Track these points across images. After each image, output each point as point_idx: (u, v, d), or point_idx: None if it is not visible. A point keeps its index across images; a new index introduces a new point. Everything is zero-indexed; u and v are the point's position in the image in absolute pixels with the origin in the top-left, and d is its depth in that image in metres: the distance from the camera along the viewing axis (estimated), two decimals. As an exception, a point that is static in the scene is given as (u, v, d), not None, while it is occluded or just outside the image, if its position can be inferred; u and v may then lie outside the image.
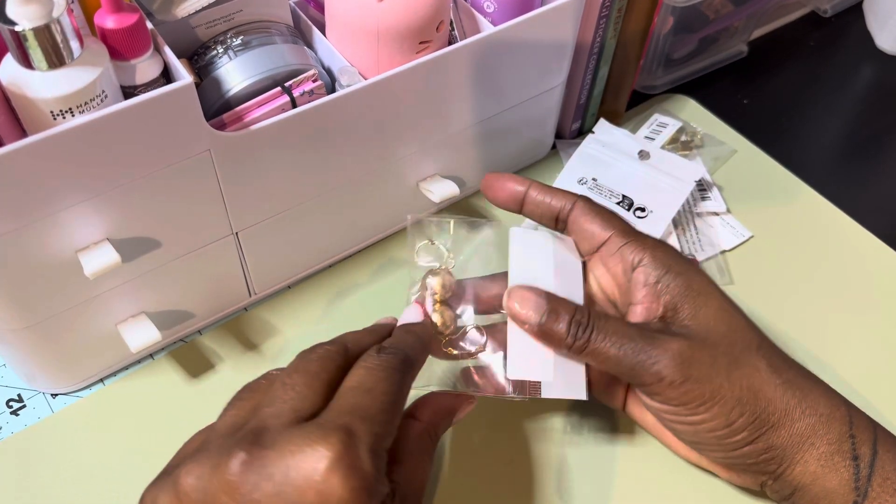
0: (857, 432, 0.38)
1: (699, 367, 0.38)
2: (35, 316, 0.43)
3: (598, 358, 0.39)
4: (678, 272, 0.40)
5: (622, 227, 0.43)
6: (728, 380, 0.38)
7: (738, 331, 0.40)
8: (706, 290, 0.40)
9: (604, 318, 0.39)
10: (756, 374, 0.38)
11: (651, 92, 0.69)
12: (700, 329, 0.39)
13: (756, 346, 0.39)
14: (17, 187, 0.37)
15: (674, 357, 0.38)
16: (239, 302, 0.53)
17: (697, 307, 0.39)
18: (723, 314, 0.40)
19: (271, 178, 0.46)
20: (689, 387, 0.38)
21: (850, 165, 0.65)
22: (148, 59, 0.41)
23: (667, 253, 0.41)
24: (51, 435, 0.47)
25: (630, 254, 0.41)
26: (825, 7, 0.78)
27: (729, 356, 0.38)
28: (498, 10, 0.52)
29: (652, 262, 0.41)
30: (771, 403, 0.38)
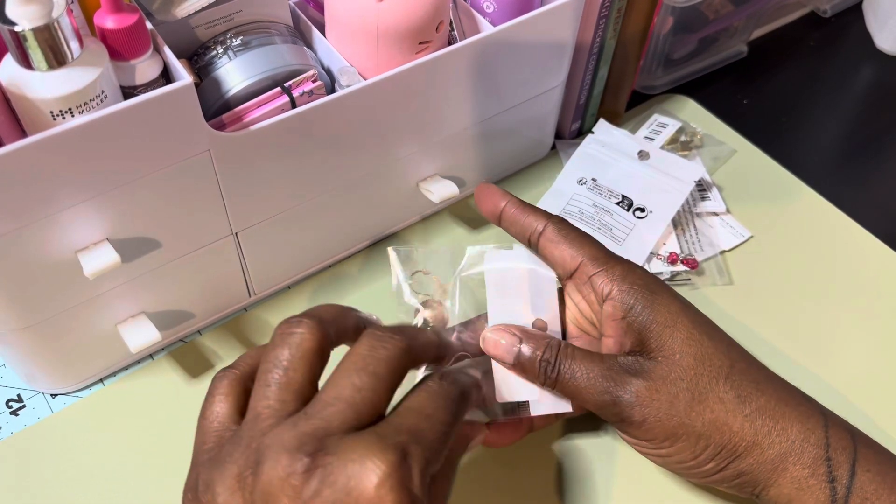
0: (833, 454, 0.38)
1: (659, 406, 0.38)
2: (35, 316, 0.43)
3: (567, 394, 0.40)
4: (645, 305, 0.40)
5: (592, 253, 0.42)
6: (689, 417, 0.38)
7: (705, 361, 0.39)
8: (673, 321, 0.40)
9: (570, 357, 0.40)
10: (720, 406, 0.38)
11: (651, 92, 0.69)
12: (666, 363, 0.39)
13: (724, 376, 0.39)
14: (17, 187, 0.37)
15: (634, 397, 0.39)
16: (239, 302, 0.53)
17: (663, 340, 0.39)
18: (689, 345, 0.39)
19: (271, 179, 0.46)
20: (650, 425, 0.39)
21: (849, 166, 0.65)
22: (147, 60, 0.41)
23: (634, 284, 0.41)
24: (50, 435, 0.47)
25: (599, 285, 0.41)
26: (825, 7, 0.78)
27: (692, 391, 0.38)
28: (497, 10, 0.52)
29: (619, 296, 0.40)
30: (736, 435, 0.38)
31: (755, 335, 0.53)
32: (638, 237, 0.55)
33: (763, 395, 0.39)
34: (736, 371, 0.39)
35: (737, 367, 0.39)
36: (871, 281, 0.56)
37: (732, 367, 0.39)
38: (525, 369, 0.41)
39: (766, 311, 0.54)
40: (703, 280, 0.55)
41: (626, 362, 0.40)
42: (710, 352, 0.39)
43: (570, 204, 0.58)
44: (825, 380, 0.51)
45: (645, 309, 0.40)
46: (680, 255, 0.56)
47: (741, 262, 0.57)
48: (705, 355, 0.39)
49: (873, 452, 0.39)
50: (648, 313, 0.40)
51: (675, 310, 0.40)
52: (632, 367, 0.39)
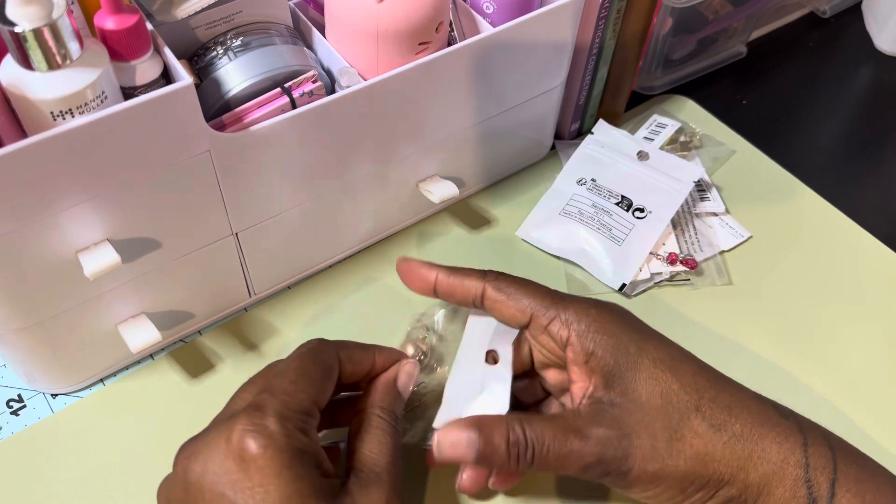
0: (813, 475, 0.37)
1: (642, 454, 0.38)
2: (35, 316, 0.44)
3: (547, 468, 0.38)
4: (605, 348, 0.39)
5: (539, 302, 0.41)
6: (671, 457, 0.38)
7: (672, 398, 0.38)
8: (634, 362, 0.39)
9: (537, 432, 0.38)
10: (697, 439, 0.38)
11: (650, 93, 0.69)
12: (634, 407, 0.38)
13: (694, 408, 0.38)
14: (18, 188, 0.37)
15: (613, 450, 0.37)
16: (239, 302, 0.53)
17: (627, 383, 0.39)
18: (654, 385, 0.38)
19: (271, 179, 0.46)
20: (636, 475, 0.38)
21: (848, 166, 0.66)
22: (148, 60, 0.41)
23: (590, 326, 0.40)
24: (51, 435, 0.47)
25: (556, 332, 0.40)
26: (824, 8, 0.78)
27: (668, 429, 0.38)
28: (497, 11, 0.52)
29: (578, 342, 0.40)
30: (720, 463, 0.38)
31: (754, 335, 0.53)
32: (637, 237, 0.55)
33: (738, 420, 0.38)
34: (705, 401, 0.39)
35: (706, 397, 0.39)
36: (869, 281, 0.56)
37: (701, 399, 0.39)
38: (491, 461, 0.38)
39: (766, 311, 0.54)
40: (703, 280, 0.55)
41: (596, 413, 0.38)
42: (675, 388, 0.39)
43: (570, 204, 0.58)
44: (825, 379, 0.51)
45: (605, 352, 0.39)
46: (679, 255, 0.56)
47: (740, 262, 0.57)
48: (671, 392, 0.38)
49: (854, 468, 0.38)
50: (609, 357, 0.39)
51: (633, 350, 0.39)
52: (603, 419, 0.38)
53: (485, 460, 0.38)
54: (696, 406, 0.38)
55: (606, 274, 0.55)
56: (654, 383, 0.39)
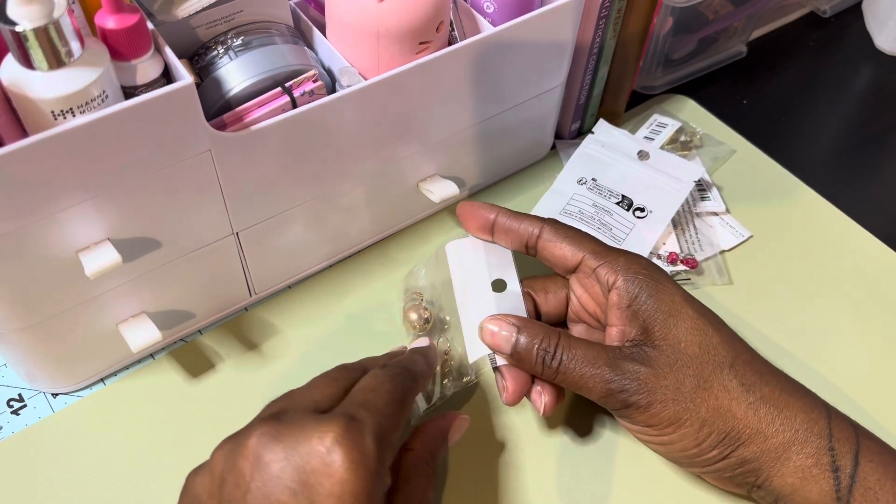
0: (837, 444, 0.38)
1: (664, 392, 0.39)
2: (36, 316, 0.43)
3: (567, 384, 0.41)
4: (650, 293, 0.41)
5: (592, 248, 0.43)
6: (693, 402, 0.39)
7: (710, 350, 0.39)
8: (678, 309, 0.40)
9: (571, 346, 0.40)
10: (724, 393, 0.39)
11: (650, 92, 0.69)
12: (670, 350, 0.39)
13: (729, 364, 0.39)
14: (18, 187, 0.37)
15: (638, 384, 0.39)
16: (239, 302, 0.53)
17: (668, 328, 0.40)
18: (694, 334, 0.40)
19: (272, 179, 0.46)
20: (655, 410, 0.39)
21: (849, 165, 0.66)
22: (148, 60, 0.41)
23: (639, 273, 0.41)
24: (51, 434, 0.47)
25: (603, 276, 0.42)
26: (824, 7, 0.78)
27: (697, 377, 0.39)
28: (498, 10, 0.52)
29: (624, 285, 0.41)
30: (740, 422, 0.38)
31: (755, 334, 0.53)
32: (638, 237, 0.55)
33: (767, 385, 0.39)
34: (740, 361, 0.40)
35: (741, 358, 0.40)
36: (870, 280, 0.56)
37: (737, 358, 0.40)
38: (522, 359, 0.41)
39: (766, 311, 0.54)
40: (703, 280, 0.55)
41: (630, 352, 0.40)
42: (715, 341, 0.40)
43: (570, 204, 0.58)
44: (825, 379, 0.51)
45: (650, 298, 0.40)
46: (680, 254, 0.56)
47: (741, 261, 0.57)
48: (710, 344, 0.40)
49: (875, 444, 0.39)
50: (653, 302, 0.40)
51: (678, 300, 0.41)
52: (636, 356, 0.40)
53: (517, 357, 0.41)
54: (731, 363, 0.39)
55: (607, 273, 0.55)
56: (695, 332, 0.40)
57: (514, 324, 0.41)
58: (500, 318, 0.42)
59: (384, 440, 0.34)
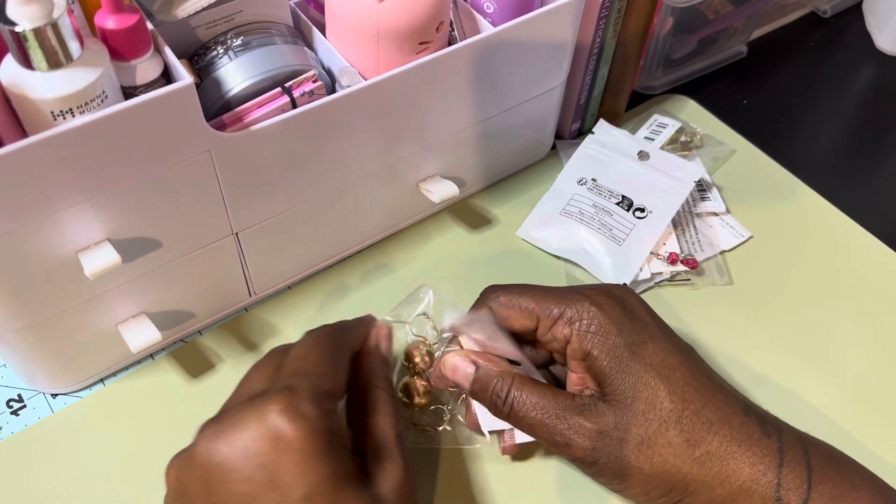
0: (785, 494, 0.38)
1: (608, 450, 0.39)
2: (35, 316, 0.43)
3: (520, 428, 0.42)
4: (600, 349, 0.41)
5: (543, 303, 0.43)
6: (637, 460, 0.39)
7: (656, 405, 0.39)
8: (625, 366, 0.40)
9: (523, 391, 0.41)
10: (668, 450, 0.39)
11: (651, 92, 0.69)
12: (618, 407, 0.40)
13: (675, 420, 0.39)
14: (18, 187, 0.37)
15: (584, 439, 0.39)
16: (239, 302, 0.53)
17: (616, 385, 0.40)
18: (640, 389, 0.40)
19: (272, 179, 0.46)
20: (601, 467, 0.40)
21: (849, 166, 0.66)
22: (148, 60, 0.41)
23: (590, 326, 0.41)
24: (51, 435, 0.47)
25: (559, 332, 0.42)
26: (824, 7, 0.78)
27: (641, 436, 0.39)
28: (498, 10, 0.52)
29: (577, 339, 0.41)
30: (686, 476, 0.39)
31: (755, 335, 0.53)
32: (638, 237, 0.55)
33: (715, 436, 0.39)
34: (688, 413, 0.39)
35: (689, 409, 0.39)
36: (870, 281, 0.56)
37: (684, 410, 0.39)
38: (479, 398, 0.42)
39: (766, 311, 0.54)
40: (703, 280, 0.55)
41: (582, 404, 0.40)
42: (662, 395, 0.39)
43: (570, 204, 0.58)
44: (824, 379, 0.51)
45: (600, 354, 0.41)
46: (680, 255, 0.56)
47: (741, 262, 0.57)
48: (656, 399, 0.39)
49: (830, 487, 0.38)
50: (604, 358, 0.41)
51: (627, 354, 0.40)
52: (586, 410, 0.40)
53: (475, 395, 0.43)
54: (678, 418, 0.39)
55: (607, 274, 0.55)
56: (641, 387, 0.40)
57: (474, 361, 0.42)
58: (461, 355, 0.43)
59: (323, 398, 0.35)
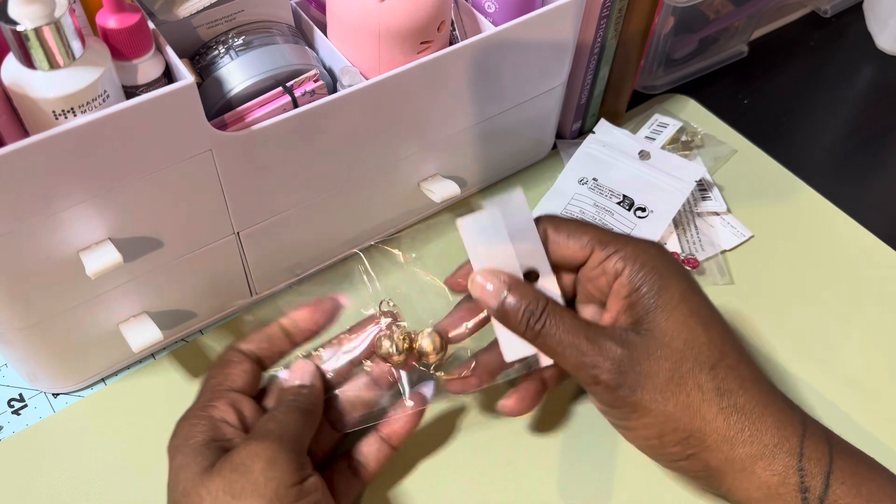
0: (807, 464, 0.37)
1: (634, 377, 0.38)
2: (37, 315, 0.43)
3: (546, 350, 0.40)
4: (651, 287, 0.40)
5: (598, 239, 0.42)
6: (663, 394, 0.38)
7: (694, 347, 0.39)
8: (674, 306, 0.40)
9: (558, 313, 0.40)
10: (697, 393, 0.38)
11: (651, 92, 0.69)
12: (652, 340, 0.39)
13: (710, 366, 0.38)
14: (19, 187, 0.37)
15: (611, 363, 0.39)
16: (240, 301, 0.53)
17: (657, 322, 0.39)
18: (681, 329, 0.39)
19: (273, 178, 0.46)
20: (622, 393, 0.38)
21: (850, 165, 0.66)
22: (149, 59, 0.41)
23: (645, 266, 0.40)
24: (52, 434, 0.47)
25: (611, 267, 0.41)
26: (825, 7, 0.78)
27: (673, 371, 0.38)
28: (499, 10, 0.52)
29: (629, 276, 0.40)
30: (708, 424, 0.38)
31: (756, 334, 0.53)
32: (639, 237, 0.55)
33: (745, 393, 0.38)
34: (723, 365, 0.39)
35: (725, 362, 0.39)
36: (871, 280, 0.56)
37: (721, 360, 0.39)
38: (508, 317, 0.41)
39: (767, 311, 0.54)
40: (704, 280, 0.55)
41: (613, 332, 0.40)
42: (702, 341, 0.39)
43: (572, 204, 0.58)
44: (825, 378, 0.51)
45: (650, 291, 0.40)
46: (681, 254, 0.56)
47: (742, 261, 0.57)
48: (695, 342, 0.39)
49: (851, 463, 0.38)
50: (652, 296, 0.40)
51: (677, 297, 0.40)
52: (617, 337, 0.39)
53: (502, 313, 0.41)
54: (713, 365, 0.38)
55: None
56: (683, 328, 0.39)
57: (506, 281, 0.41)
58: (492, 274, 0.41)
59: None
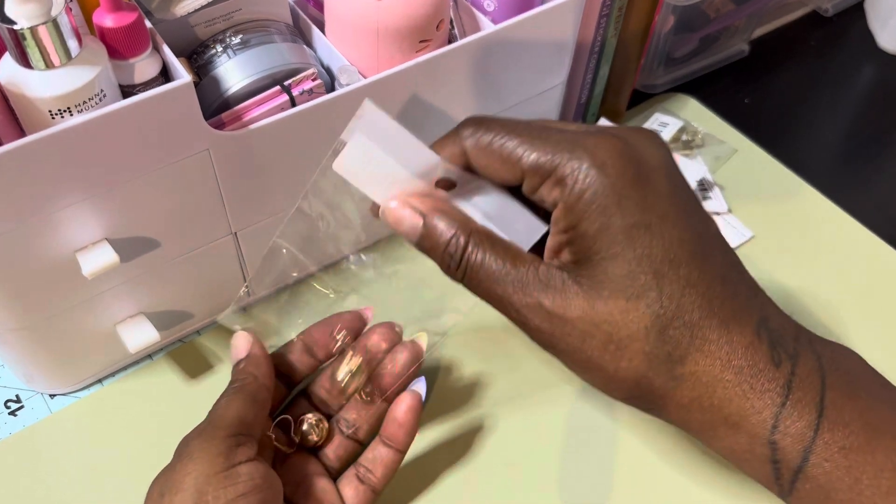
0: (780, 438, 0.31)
1: (567, 339, 0.32)
2: (33, 316, 0.43)
3: (474, 293, 0.34)
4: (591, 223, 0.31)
5: (530, 157, 0.33)
6: (602, 358, 0.32)
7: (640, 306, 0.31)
8: (621, 252, 0.32)
9: (484, 251, 0.33)
10: (642, 360, 0.32)
11: (652, 91, 0.69)
12: (594, 295, 0.32)
13: (660, 328, 0.32)
14: (16, 187, 0.37)
15: (541, 321, 0.32)
16: (238, 302, 0.52)
17: (600, 269, 0.32)
18: (626, 283, 0.32)
19: (270, 178, 0.46)
20: (559, 353, 0.33)
21: (851, 165, 0.65)
22: (147, 58, 0.41)
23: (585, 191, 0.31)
24: (49, 436, 0.47)
25: (548, 194, 0.33)
26: (826, 6, 0.78)
27: (612, 334, 0.32)
28: (498, 8, 0.51)
29: (564, 208, 0.32)
30: (659, 391, 0.32)
31: (757, 335, 0.53)
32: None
33: (707, 358, 0.32)
34: (679, 324, 0.32)
35: (683, 319, 0.32)
36: (873, 280, 0.56)
37: (675, 319, 0.32)
38: (429, 251, 0.34)
39: (768, 311, 0.54)
40: (705, 280, 0.55)
41: (549, 278, 0.33)
42: (651, 296, 0.31)
43: (571, 203, 0.58)
44: (827, 380, 0.51)
45: (588, 229, 0.32)
46: (681, 254, 0.55)
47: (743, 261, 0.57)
48: (641, 299, 0.31)
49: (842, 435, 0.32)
50: (590, 236, 0.32)
51: (621, 237, 0.32)
52: (551, 288, 0.32)
53: (423, 251, 0.35)
54: (664, 326, 0.31)
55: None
56: (628, 282, 0.31)
57: (418, 211, 0.34)
58: (405, 202, 0.35)
59: None
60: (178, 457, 0.37)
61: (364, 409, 0.43)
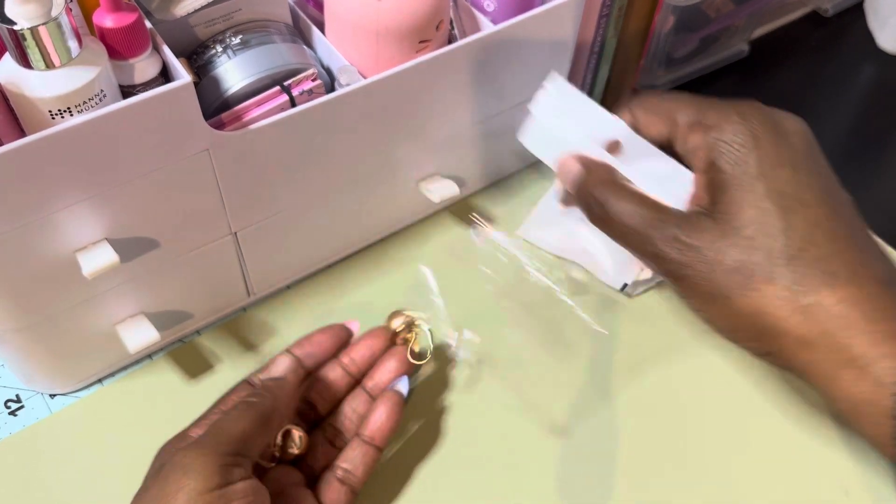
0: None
1: (697, 267, 0.35)
2: (33, 316, 0.43)
3: (612, 235, 0.38)
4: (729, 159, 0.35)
5: (683, 111, 0.39)
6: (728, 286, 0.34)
7: (768, 235, 0.33)
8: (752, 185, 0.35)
9: (623, 197, 0.37)
10: (768, 288, 0.33)
11: (652, 91, 0.69)
12: (725, 225, 0.35)
13: (786, 258, 0.33)
14: (16, 187, 0.37)
15: (672, 251, 0.35)
16: (238, 302, 0.52)
17: (732, 201, 0.35)
18: (755, 214, 0.34)
19: (270, 178, 0.46)
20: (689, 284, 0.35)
21: (851, 165, 0.65)
22: (147, 59, 0.41)
23: (724, 132, 0.36)
24: (49, 436, 0.47)
25: (694, 141, 0.38)
26: (826, 6, 0.78)
27: (741, 261, 0.34)
28: (498, 8, 0.51)
29: (707, 148, 0.37)
30: (783, 326, 0.33)
31: (757, 335, 0.53)
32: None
33: (834, 292, 0.32)
34: (806, 256, 0.33)
35: (810, 253, 0.33)
36: (872, 281, 0.56)
37: (802, 251, 0.33)
38: (578, 201, 0.40)
39: (768, 312, 0.54)
40: (705, 280, 0.55)
41: (684, 217, 0.36)
42: (778, 227, 0.33)
43: (571, 203, 0.58)
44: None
45: (725, 165, 0.35)
46: (681, 254, 0.55)
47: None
48: (768, 228, 0.34)
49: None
50: (726, 170, 0.35)
51: (754, 172, 0.35)
52: (685, 223, 0.35)
53: (577, 197, 0.40)
54: (791, 256, 0.33)
55: (608, 273, 0.55)
56: (757, 213, 0.34)
57: (580, 161, 0.39)
58: (571, 157, 0.40)
59: None
60: (171, 467, 0.36)
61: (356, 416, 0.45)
